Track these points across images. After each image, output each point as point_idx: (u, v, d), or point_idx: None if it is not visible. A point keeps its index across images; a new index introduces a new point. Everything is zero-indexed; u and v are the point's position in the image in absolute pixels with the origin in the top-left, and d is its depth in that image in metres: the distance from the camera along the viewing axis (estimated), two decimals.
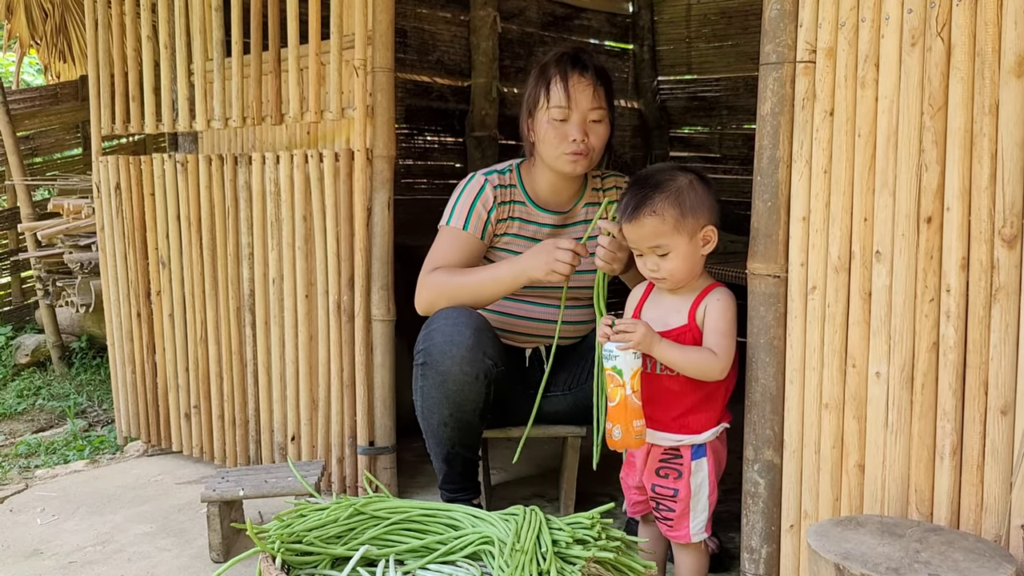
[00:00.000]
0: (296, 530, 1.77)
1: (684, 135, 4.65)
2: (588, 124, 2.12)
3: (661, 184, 1.72)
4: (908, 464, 1.50)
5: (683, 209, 1.70)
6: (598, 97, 2.12)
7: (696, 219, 1.71)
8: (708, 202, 1.73)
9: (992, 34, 1.38)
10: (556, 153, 2.13)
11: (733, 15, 4.25)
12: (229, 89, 2.71)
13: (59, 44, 5.33)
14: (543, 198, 2.25)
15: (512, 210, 2.23)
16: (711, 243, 1.74)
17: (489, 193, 2.20)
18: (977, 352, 1.42)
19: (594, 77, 2.12)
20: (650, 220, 1.70)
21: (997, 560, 1.31)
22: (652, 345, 1.67)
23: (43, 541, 2.33)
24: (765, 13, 1.65)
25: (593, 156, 2.15)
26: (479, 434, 2.18)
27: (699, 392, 1.75)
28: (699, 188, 1.73)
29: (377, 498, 1.92)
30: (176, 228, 2.83)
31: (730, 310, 1.73)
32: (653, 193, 1.71)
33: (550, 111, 2.11)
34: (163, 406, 2.97)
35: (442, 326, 2.05)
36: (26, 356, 4.46)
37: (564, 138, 2.11)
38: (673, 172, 1.76)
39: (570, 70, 2.11)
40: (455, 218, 2.19)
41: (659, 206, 1.70)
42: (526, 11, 4.15)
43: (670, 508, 1.78)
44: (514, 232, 2.24)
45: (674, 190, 1.71)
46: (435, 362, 2.04)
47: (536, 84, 2.15)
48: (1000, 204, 1.38)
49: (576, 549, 1.70)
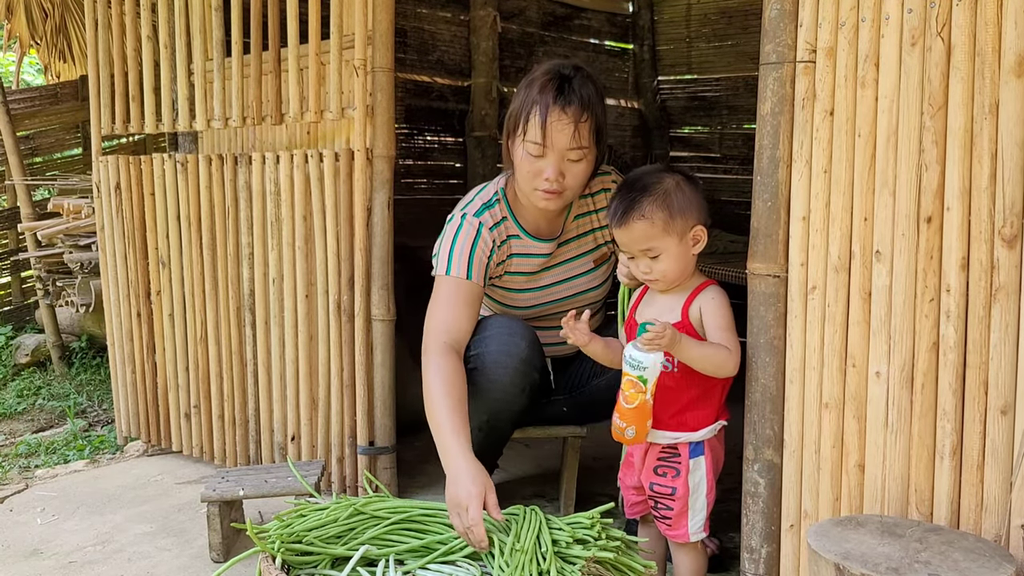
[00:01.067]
0: (296, 530, 1.77)
1: (684, 135, 4.65)
2: (565, 163, 1.96)
3: (648, 187, 1.73)
4: (908, 464, 1.50)
5: (671, 211, 1.71)
6: (578, 136, 1.94)
7: (685, 220, 1.73)
8: (696, 202, 1.75)
9: (992, 34, 1.38)
10: (529, 188, 2.01)
11: (733, 15, 4.25)
12: (229, 89, 2.71)
13: (59, 44, 5.33)
14: (534, 226, 2.15)
15: (510, 248, 2.14)
16: (701, 242, 1.76)
17: (487, 238, 2.07)
18: (977, 352, 1.41)
19: (577, 112, 1.93)
20: (639, 224, 1.71)
21: (997, 560, 1.31)
22: (676, 343, 1.66)
23: (43, 541, 2.33)
24: (765, 13, 1.65)
25: (568, 194, 2.02)
26: (506, 442, 2.20)
27: (696, 388, 1.75)
28: (686, 189, 1.74)
29: (377, 498, 1.92)
30: (176, 228, 2.83)
31: (725, 306, 1.75)
32: (641, 197, 1.72)
33: (525, 144, 1.97)
34: (163, 406, 2.97)
35: (497, 334, 2.04)
36: (26, 356, 4.46)
37: (538, 174, 1.97)
38: (660, 174, 1.76)
39: (552, 104, 1.92)
40: (455, 267, 2.04)
41: (647, 209, 1.71)
42: (526, 11, 4.15)
43: (668, 507, 1.79)
44: (513, 270, 2.18)
45: (661, 192, 1.72)
46: (487, 369, 2.02)
47: (520, 107, 1.98)
48: (1000, 204, 1.38)
49: (576, 549, 1.70)
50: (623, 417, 1.71)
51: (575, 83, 1.96)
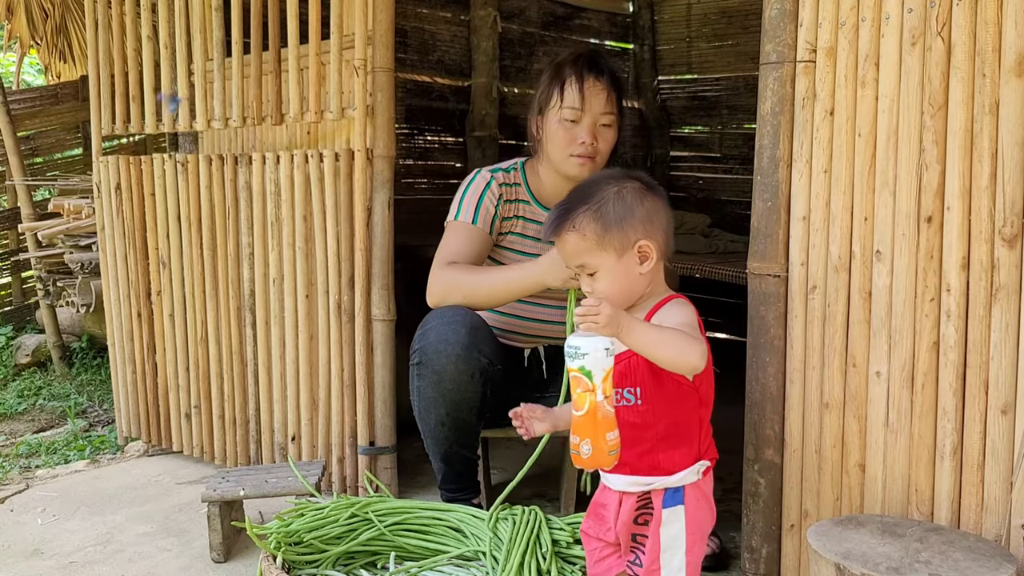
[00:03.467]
0: (296, 530, 1.77)
1: (685, 135, 4.64)
2: (598, 128, 2.14)
3: (585, 197, 1.54)
4: (908, 464, 1.50)
5: (606, 223, 1.48)
6: (611, 102, 2.14)
7: (623, 234, 1.48)
8: (641, 213, 1.49)
9: (992, 33, 1.38)
10: (564, 155, 2.15)
11: (733, 15, 4.25)
12: (229, 89, 2.71)
13: (59, 44, 5.33)
14: (547, 198, 2.25)
15: (517, 209, 2.24)
16: (650, 259, 1.50)
17: (495, 189, 2.21)
18: (977, 352, 1.42)
19: (609, 82, 2.14)
20: (570, 236, 1.51)
21: (997, 560, 1.31)
22: (621, 326, 1.37)
23: (44, 541, 2.33)
24: (765, 13, 1.65)
25: (599, 160, 2.16)
26: (477, 433, 2.18)
27: (665, 421, 1.47)
28: (629, 198, 1.50)
29: (377, 498, 1.93)
30: (176, 228, 2.83)
31: (688, 313, 1.50)
32: (575, 206, 1.52)
33: (562, 111, 2.13)
34: (163, 406, 2.97)
35: (436, 325, 2.05)
36: (27, 356, 4.46)
37: (573, 140, 2.13)
38: (604, 182, 1.55)
39: (586, 73, 2.12)
40: (463, 212, 2.19)
41: (579, 220, 1.50)
42: (526, 11, 4.15)
43: (637, 562, 1.48)
44: (518, 231, 2.24)
45: (596, 202, 1.51)
46: (430, 361, 2.04)
47: (550, 83, 2.16)
48: (1000, 203, 1.38)
49: (576, 549, 1.70)
50: (576, 429, 1.37)
51: (602, 60, 2.18)
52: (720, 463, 1.54)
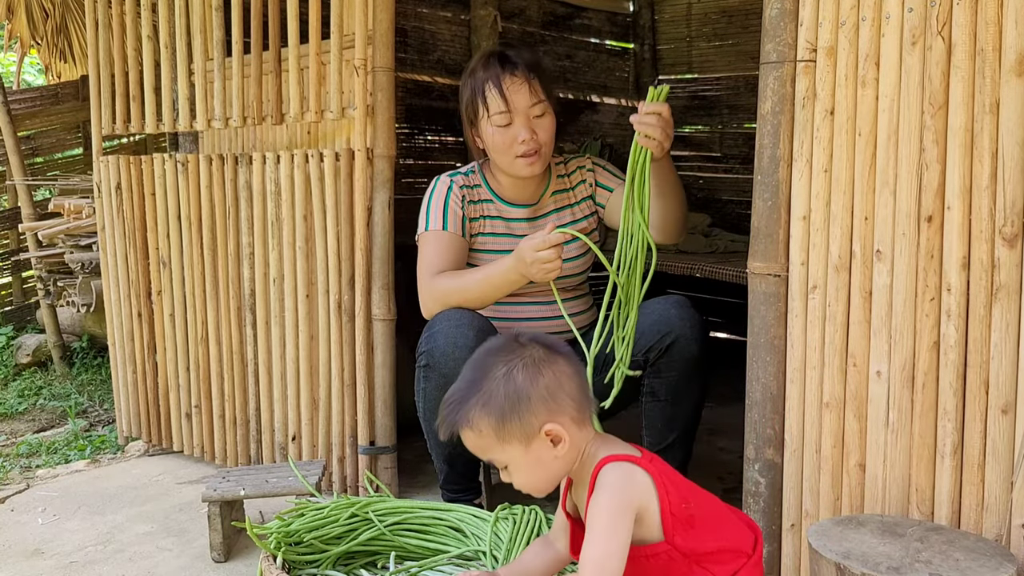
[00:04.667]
0: (297, 530, 1.77)
1: (685, 134, 4.64)
2: (532, 121, 2.11)
3: (471, 385, 1.33)
4: (909, 463, 1.50)
5: (500, 415, 1.30)
6: (535, 92, 2.10)
7: (523, 422, 1.29)
8: (539, 393, 1.30)
9: (993, 33, 1.38)
10: (509, 159, 2.14)
11: (734, 14, 4.25)
12: (229, 89, 2.71)
13: (60, 44, 5.33)
14: (509, 195, 2.26)
15: (482, 209, 2.25)
16: (563, 441, 1.31)
17: (458, 192, 2.21)
18: (978, 351, 1.41)
19: (526, 73, 2.10)
20: (468, 435, 1.34)
21: (998, 559, 1.31)
22: None
23: (44, 541, 2.33)
24: (765, 12, 1.65)
25: (545, 151, 2.15)
26: None
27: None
28: (520, 379, 1.30)
29: (378, 498, 1.93)
30: (177, 228, 2.83)
31: (612, 495, 1.27)
32: (466, 398, 1.33)
33: (492, 119, 2.11)
34: (164, 406, 2.97)
35: (444, 328, 2.04)
36: (27, 356, 4.46)
37: (514, 141, 2.11)
38: (490, 363, 1.34)
39: (501, 72, 2.09)
40: (432, 221, 2.19)
41: (472, 416, 1.32)
42: (527, 10, 4.14)
43: None
44: (488, 231, 2.24)
45: (485, 393, 1.31)
46: (438, 364, 2.03)
47: (472, 94, 2.14)
48: (1001, 203, 1.38)
49: None
50: None
51: (511, 53, 2.15)
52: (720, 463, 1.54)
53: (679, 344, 2.02)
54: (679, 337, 2.02)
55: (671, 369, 2.05)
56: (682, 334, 2.02)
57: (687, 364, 2.04)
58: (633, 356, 2.04)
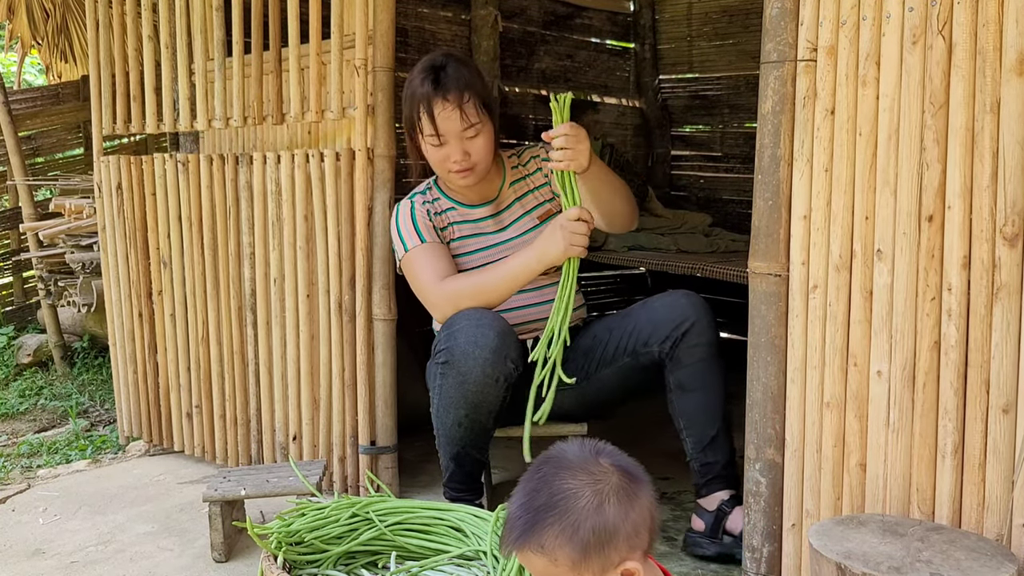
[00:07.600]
0: (297, 529, 1.77)
1: (685, 134, 4.64)
2: (465, 143, 2.13)
3: (553, 504, 1.16)
4: (910, 463, 1.50)
5: (584, 548, 1.14)
6: (467, 117, 2.10)
7: (605, 557, 1.16)
8: (627, 528, 1.16)
9: (993, 32, 1.37)
10: (444, 173, 2.20)
11: (734, 13, 4.25)
12: (230, 89, 2.71)
13: (60, 44, 5.33)
14: (468, 198, 2.29)
15: (447, 218, 2.28)
16: None
17: (420, 208, 2.25)
18: (979, 351, 1.41)
19: (457, 96, 2.09)
20: (536, 560, 1.17)
21: (999, 559, 1.31)
22: None
23: (45, 541, 2.33)
24: (766, 11, 1.65)
25: (480, 167, 2.17)
26: (491, 436, 2.19)
27: None
28: (611, 512, 1.16)
29: (378, 498, 1.93)
30: (177, 228, 2.83)
31: None
32: (542, 517, 1.16)
33: (425, 139, 2.15)
34: (165, 406, 2.97)
35: (465, 326, 2.04)
36: (28, 356, 4.46)
37: (446, 159, 2.15)
38: (577, 482, 1.17)
39: (433, 96, 2.10)
40: (409, 241, 2.21)
41: (548, 540, 1.15)
42: (527, 10, 4.14)
43: None
44: (458, 236, 2.27)
45: (570, 518, 1.15)
46: (457, 362, 2.03)
47: (409, 110, 2.17)
48: (1001, 202, 1.38)
49: None
50: None
51: (448, 70, 2.13)
52: None
53: (696, 328, 2.03)
54: (695, 322, 2.03)
55: (692, 356, 2.04)
56: (697, 319, 2.03)
57: (708, 348, 2.04)
58: (650, 349, 2.05)
